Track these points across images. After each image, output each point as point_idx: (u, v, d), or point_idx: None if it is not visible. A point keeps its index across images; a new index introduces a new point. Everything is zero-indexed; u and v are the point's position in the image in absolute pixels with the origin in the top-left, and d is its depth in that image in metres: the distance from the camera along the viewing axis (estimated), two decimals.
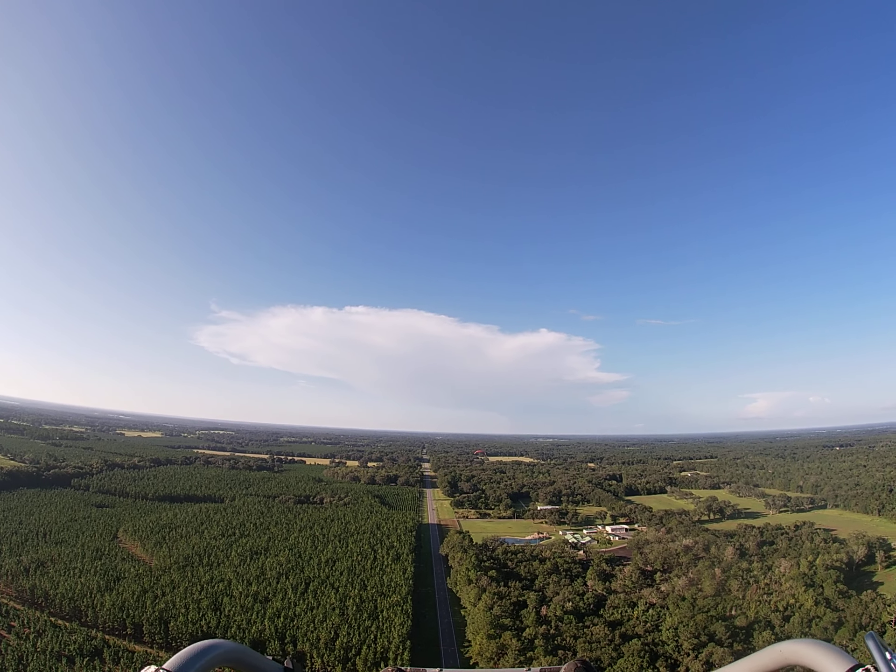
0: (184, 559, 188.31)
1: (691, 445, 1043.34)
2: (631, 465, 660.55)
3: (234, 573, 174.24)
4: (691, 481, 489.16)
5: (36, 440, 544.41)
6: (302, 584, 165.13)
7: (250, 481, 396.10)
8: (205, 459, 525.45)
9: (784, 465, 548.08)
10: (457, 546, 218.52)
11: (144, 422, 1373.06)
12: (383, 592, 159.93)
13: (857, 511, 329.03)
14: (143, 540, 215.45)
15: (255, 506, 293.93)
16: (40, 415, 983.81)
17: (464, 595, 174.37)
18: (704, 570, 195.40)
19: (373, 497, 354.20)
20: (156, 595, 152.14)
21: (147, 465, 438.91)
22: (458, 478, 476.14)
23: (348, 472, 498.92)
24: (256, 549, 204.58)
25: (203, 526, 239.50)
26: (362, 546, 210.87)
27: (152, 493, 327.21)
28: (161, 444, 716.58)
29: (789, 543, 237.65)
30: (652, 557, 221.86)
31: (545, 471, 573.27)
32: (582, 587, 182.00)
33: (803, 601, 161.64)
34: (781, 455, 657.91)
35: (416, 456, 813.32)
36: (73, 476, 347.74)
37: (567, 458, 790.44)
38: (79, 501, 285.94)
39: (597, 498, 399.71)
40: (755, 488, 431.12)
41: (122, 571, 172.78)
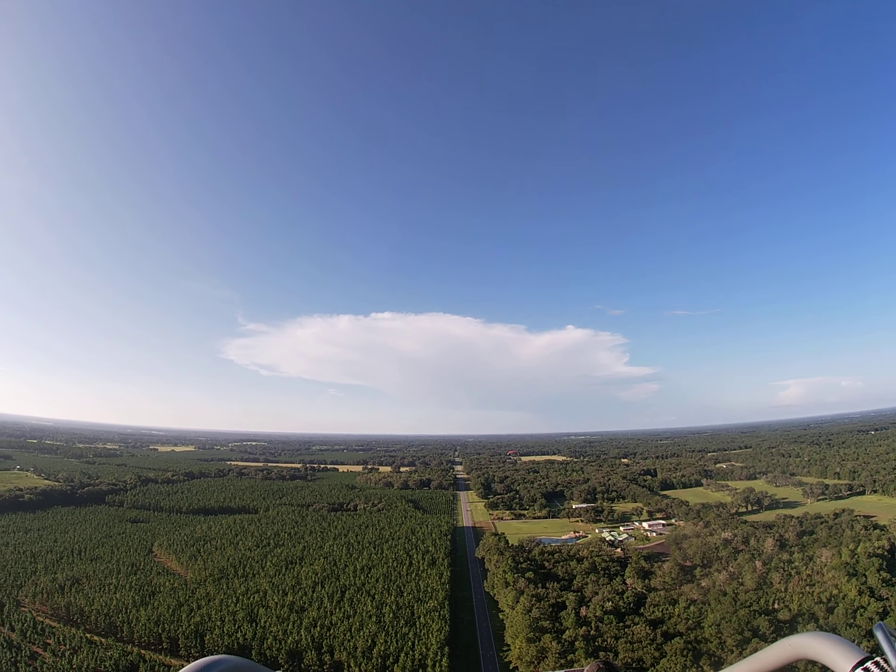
0: (219, 571, 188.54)
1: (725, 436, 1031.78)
2: (665, 458, 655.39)
3: (269, 584, 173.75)
4: (727, 473, 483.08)
5: (70, 459, 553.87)
6: (338, 593, 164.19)
7: (283, 491, 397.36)
8: (238, 471, 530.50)
9: (819, 452, 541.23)
10: (492, 548, 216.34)
11: (177, 436, 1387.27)
12: (420, 598, 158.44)
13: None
14: (177, 553, 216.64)
15: (289, 515, 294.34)
16: (74, 434, 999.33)
17: (501, 598, 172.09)
18: (745, 564, 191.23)
19: (406, 502, 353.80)
20: (191, 608, 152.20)
21: (181, 479, 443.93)
22: (492, 479, 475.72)
23: (381, 478, 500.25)
24: (291, 558, 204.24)
25: (237, 537, 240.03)
26: (397, 552, 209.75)
27: (186, 506, 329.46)
28: (194, 457, 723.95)
29: (829, 532, 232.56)
30: (691, 552, 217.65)
31: (578, 469, 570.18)
32: (621, 586, 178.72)
33: (846, 591, 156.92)
34: (816, 442, 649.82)
35: (448, 459, 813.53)
36: (107, 493, 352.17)
37: (600, 454, 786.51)
38: (113, 518, 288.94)
39: (632, 494, 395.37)
40: (792, 477, 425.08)
41: (158, 586, 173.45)
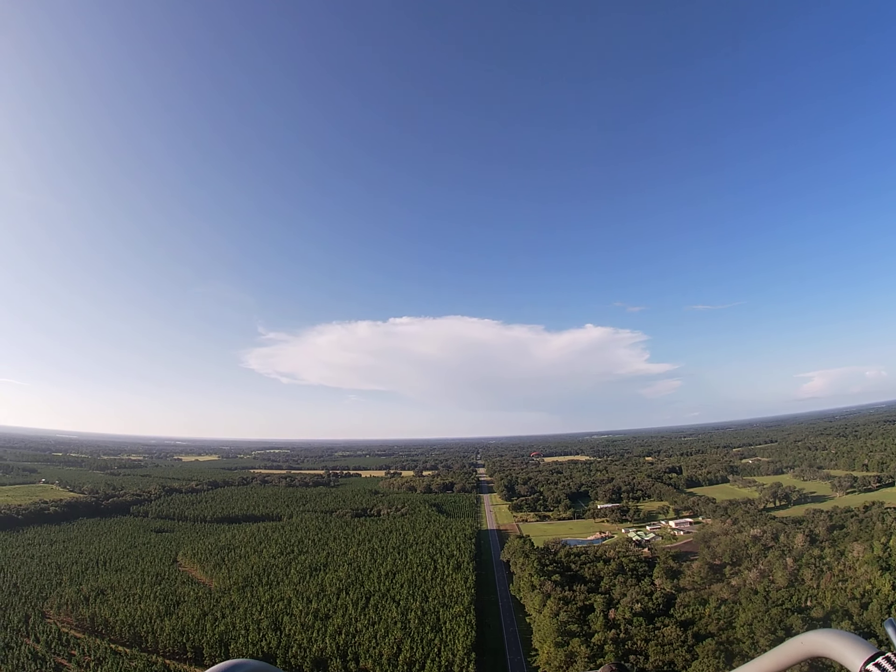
0: (243, 580, 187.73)
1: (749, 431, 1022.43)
2: (689, 455, 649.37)
3: (293, 591, 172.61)
4: (753, 468, 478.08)
5: (94, 471, 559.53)
6: (362, 599, 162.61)
7: (307, 498, 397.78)
8: (261, 479, 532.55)
9: (847, 443, 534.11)
10: (518, 551, 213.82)
11: (201, 446, 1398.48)
12: (445, 603, 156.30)
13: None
14: (202, 562, 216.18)
15: (312, 522, 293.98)
16: (98, 447, 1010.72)
17: (528, 602, 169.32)
18: (775, 561, 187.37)
19: (430, 506, 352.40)
20: (215, 617, 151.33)
21: (204, 488, 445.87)
22: (515, 481, 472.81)
23: (404, 483, 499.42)
24: (315, 565, 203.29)
25: (261, 545, 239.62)
26: (422, 556, 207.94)
27: (210, 515, 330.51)
28: (218, 466, 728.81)
29: (860, 526, 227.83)
30: (719, 551, 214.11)
31: (602, 468, 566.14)
32: (650, 587, 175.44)
33: (880, 586, 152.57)
34: (843, 434, 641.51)
35: (471, 462, 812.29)
36: (132, 503, 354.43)
37: (623, 453, 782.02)
38: (138, 528, 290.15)
39: (657, 492, 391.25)
40: (819, 470, 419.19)
41: (182, 595, 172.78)
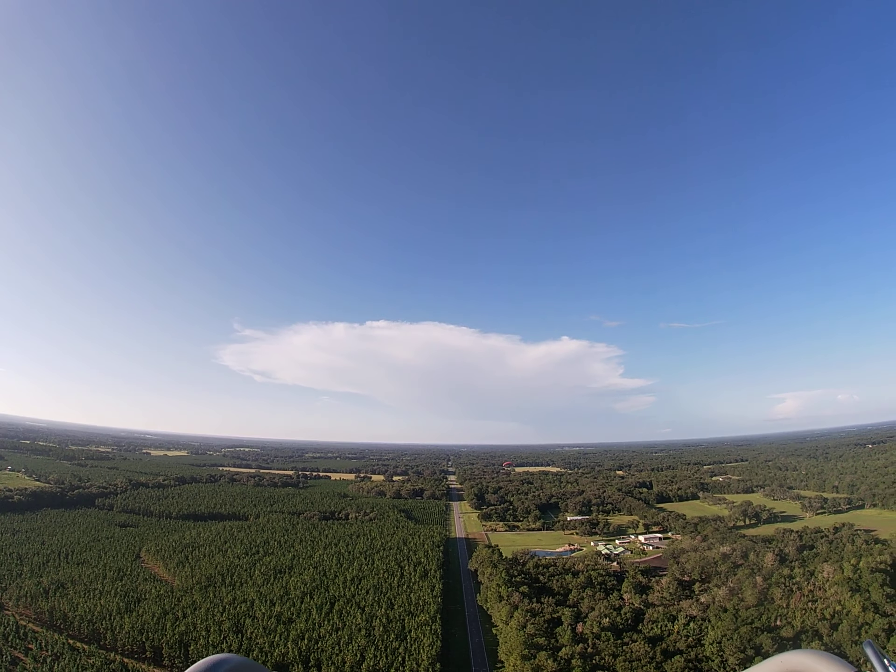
0: (206, 579, 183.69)
1: (721, 449, 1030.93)
2: (660, 471, 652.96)
3: (257, 593, 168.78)
4: (723, 486, 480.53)
5: (62, 461, 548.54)
6: (327, 604, 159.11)
7: (275, 498, 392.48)
8: (230, 477, 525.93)
9: (817, 465, 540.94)
10: (486, 561, 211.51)
11: (171, 441, 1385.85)
12: (411, 611, 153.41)
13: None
14: (165, 560, 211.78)
15: (279, 523, 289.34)
16: (67, 436, 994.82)
17: (495, 612, 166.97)
18: (745, 579, 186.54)
19: (399, 511, 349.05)
20: (176, 617, 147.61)
21: (172, 483, 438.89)
22: (485, 490, 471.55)
23: (374, 487, 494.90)
24: (280, 567, 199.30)
25: (226, 544, 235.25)
26: (389, 563, 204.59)
27: (176, 511, 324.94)
28: (186, 462, 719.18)
29: (830, 546, 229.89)
30: (689, 567, 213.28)
31: (573, 480, 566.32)
32: (618, 601, 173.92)
33: (850, 607, 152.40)
34: (813, 455, 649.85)
35: (442, 469, 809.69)
36: (98, 496, 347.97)
37: (595, 466, 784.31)
38: (102, 521, 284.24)
39: (627, 506, 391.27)
40: (789, 490, 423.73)
41: (143, 592, 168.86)
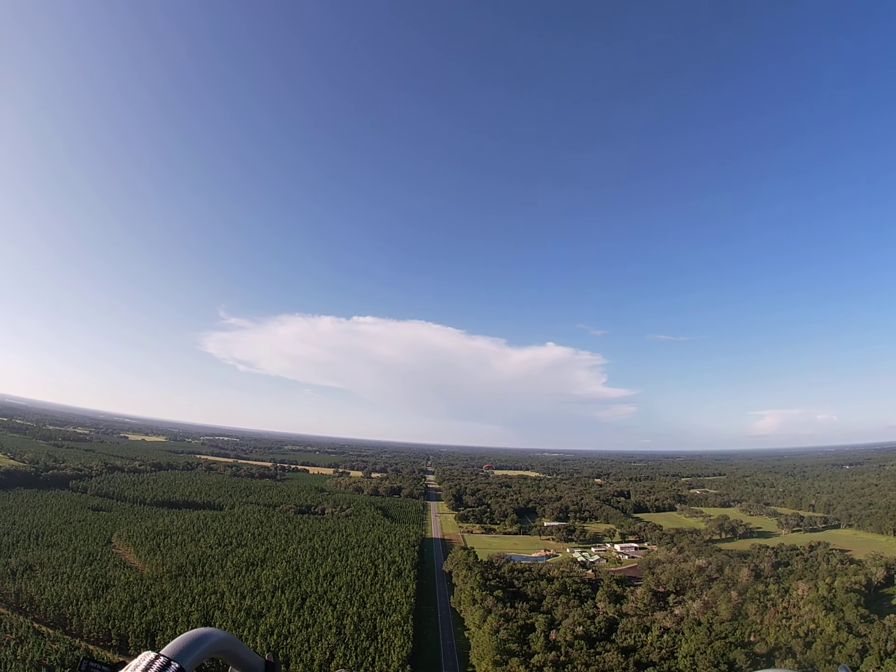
0: (177, 568, 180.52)
1: (699, 462, 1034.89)
2: (639, 481, 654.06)
3: (227, 585, 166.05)
4: (701, 499, 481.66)
5: (38, 440, 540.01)
6: (298, 600, 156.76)
7: (251, 489, 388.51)
8: (207, 465, 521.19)
9: (794, 483, 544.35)
10: (461, 563, 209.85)
11: (149, 426, 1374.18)
12: (383, 611, 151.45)
13: (871, 531, 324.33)
14: (136, 546, 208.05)
15: (254, 514, 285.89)
16: (45, 415, 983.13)
17: (468, 616, 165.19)
18: (719, 593, 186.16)
19: (375, 509, 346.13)
20: (144, 605, 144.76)
21: (148, 469, 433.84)
22: (463, 491, 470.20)
23: (352, 483, 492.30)
24: (253, 560, 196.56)
25: (200, 534, 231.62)
26: (363, 560, 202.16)
27: (151, 497, 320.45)
28: (164, 448, 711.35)
29: (805, 564, 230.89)
30: (664, 578, 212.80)
31: (552, 486, 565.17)
32: (592, 609, 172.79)
33: (824, 626, 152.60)
34: (791, 473, 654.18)
35: (421, 468, 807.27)
36: (72, 478, 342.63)
37: (573, 473, 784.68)
38: (75, 504, 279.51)
39: (605, 515, 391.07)
40: (766, 507, 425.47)
41: (112, 579, 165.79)
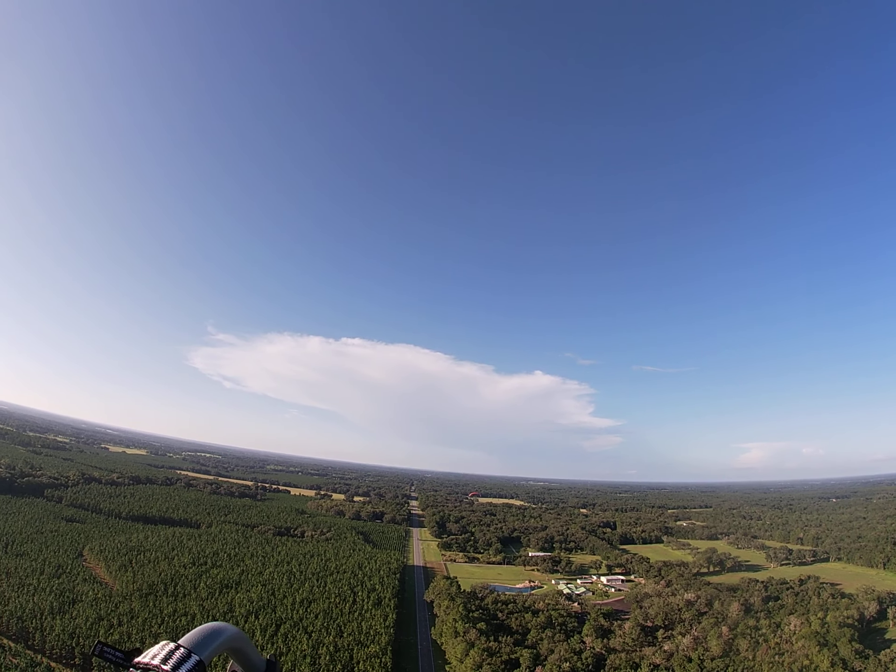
0: (148, 587, 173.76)
1: (685, 494, 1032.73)
2: (625, 512, 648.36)
3: (199, 607, 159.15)
4: (688, 531, 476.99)
5: (17, 446, 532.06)
6: (272, 626, 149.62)
7: (230, 508, 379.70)
8: (186, 481, 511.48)
9: (782, 516, 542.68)
10: (443, 593, 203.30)
11: (131, 438, 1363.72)
12: (361, 641, 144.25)
13: (860, 564, 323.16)
14: (108, 561, 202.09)
15: (231, 534, 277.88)
16: (27, 421, 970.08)
17: (450, 649, 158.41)
18: (710, 628, 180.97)
19: (357, 533, 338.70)
20: (111, 624, 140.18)
21: (126, 482, 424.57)
22: (447, 518, 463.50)
23: (333, 506, 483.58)
24: (227, 582, 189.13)
25: (174, 552, 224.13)
26: (341, 587, 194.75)
27: (127, 511, 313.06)
28: (144, 462, 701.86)
29: (796, 599, 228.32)
30: (652, 612, 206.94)
31: (537, 515, 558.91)
32: (579, 644, 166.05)
33: (818, 662, 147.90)
34: (778, 506, 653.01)
35: (404, 493, 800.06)
36: (48, 486, 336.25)
37: (559, 502, 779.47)
38: (49, 513, 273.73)
39: (591, 546, 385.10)
40: (754, 540, 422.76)
41: (80, 594, 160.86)
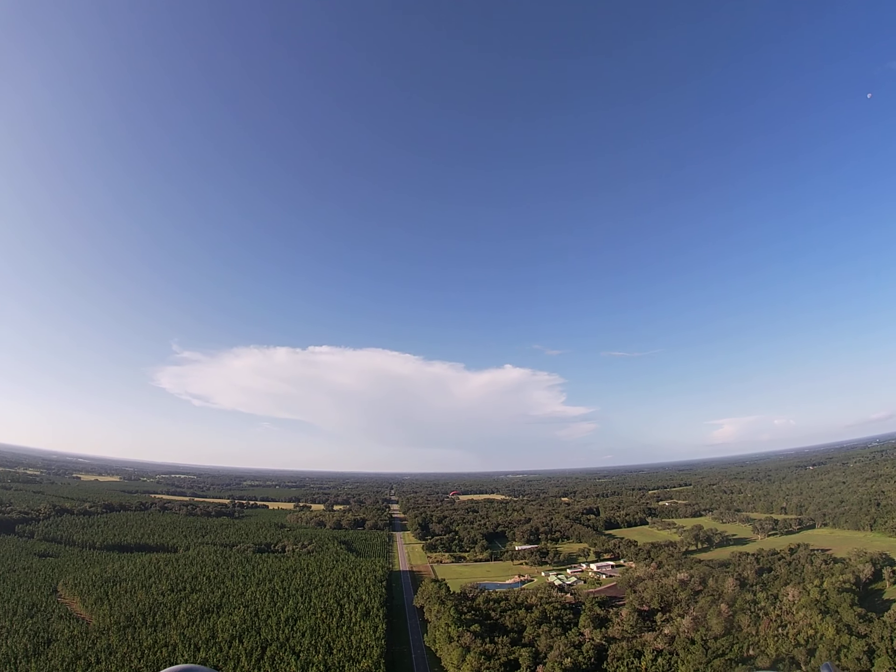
0: (125, 618, 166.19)
1: (663, 474, 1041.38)
2: (606, 497, 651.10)
3: (180, 636, 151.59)
4: (671, 511, 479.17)
5: None
6: (258, 649, 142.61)
7: (207, 528, 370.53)
8: (161, 505, 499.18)
9: (762, 487, 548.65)
10: (433, 597, 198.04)
11: (104, 465, 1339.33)
12: (352, 657, 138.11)
13: (847, 528, 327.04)
14: (83, 595, 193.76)
15: (209, 556, 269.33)
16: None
17: (445, 655, 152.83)
18: (708, 607, 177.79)
19: (339, 543, 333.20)
20: (89, 662, 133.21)
21: (99, 510, 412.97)
22: (430, 519, 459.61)
23: (313, 517, 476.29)
24: (208, 606, 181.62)
25: (151, 579, 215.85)
26: (327, 600, 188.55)
27: (101, 541, 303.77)
28: (117, 488, 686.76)
29: (789, 568, 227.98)
30: (647, 596, 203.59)
31: (519, 508, 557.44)
32: (577, 637, 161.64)
33: (823, 631, 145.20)
34: (756, 478, 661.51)
35: (384, 497, 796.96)
36: (18, 522, 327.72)
37: (539, 493, 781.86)
38: (20, 550, 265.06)
39: (576, 534, 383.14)
40: (738, 513, 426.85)
41: (55, 633, 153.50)
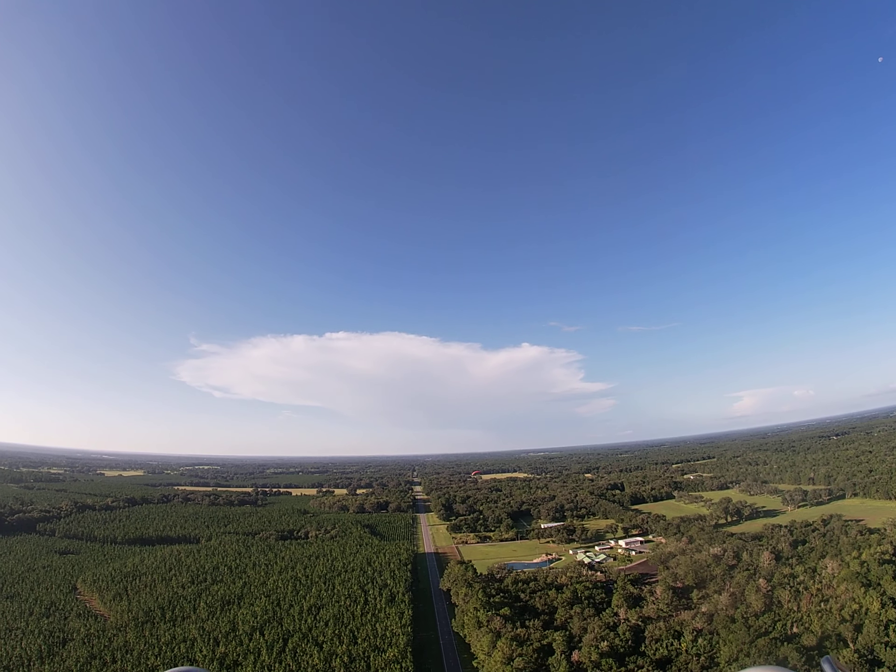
0: (144, 614, 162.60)
1: (685, 448, 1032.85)
2: (629, 472, 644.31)
3: (199, 630, 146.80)
4: (697, 484, 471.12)
5: (8, 483, 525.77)
6: (280, 641, 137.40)
7: (230, 517, 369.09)
8: (184, 496, 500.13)
9: (787, 458, 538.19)
10: (459, 580, 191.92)
11: (128, 461, 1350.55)
12: (377, 646, 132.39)
13: (878, 497, 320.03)
14: (102, 591, 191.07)
15: (231, 545, 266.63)
16: (19, 458, 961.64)
17: (474, 641, 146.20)
18: (745, 582, 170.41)
19: (362, 527, 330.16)
20: (104, 662, 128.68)
21: (121, 505, 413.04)
22: (453, 499, 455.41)
23: (336, 502, 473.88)
24: (229, 597, 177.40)
25: (171, 572, 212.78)
26: (351, 587, 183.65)
27: (122, 536, 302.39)
28: (140, 482, 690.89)
29: (824, 540, 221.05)
30: (680, 573, 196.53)
31: (543, 485, 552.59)
32: (612, 618, 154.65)
33: (867, 605, 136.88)
34: (780, 449, 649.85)
35: (407, 479, 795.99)
36: (39, 520, 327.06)
37: (562, 470, 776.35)
38: (41, 548, 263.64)
39: (602, 510, 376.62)
40: (765, 485, 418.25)
41: (71, 632, 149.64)
